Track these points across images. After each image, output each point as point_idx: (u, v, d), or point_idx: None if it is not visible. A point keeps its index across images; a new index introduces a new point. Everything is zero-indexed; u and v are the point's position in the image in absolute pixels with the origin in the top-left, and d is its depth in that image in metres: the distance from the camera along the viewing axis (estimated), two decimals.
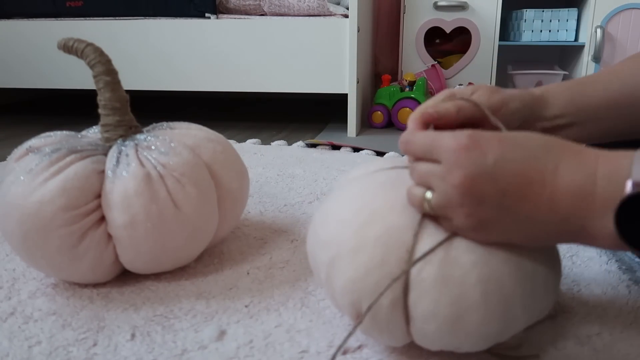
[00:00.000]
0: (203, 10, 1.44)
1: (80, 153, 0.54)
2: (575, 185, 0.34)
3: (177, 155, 0.56)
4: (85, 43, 0.57)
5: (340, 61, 1.41)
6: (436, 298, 0.37)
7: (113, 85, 0.58)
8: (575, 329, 0.49)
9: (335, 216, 0.42)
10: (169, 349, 0.47)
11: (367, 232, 0.39)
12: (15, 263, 0.64)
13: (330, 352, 0.46)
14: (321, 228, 0.43)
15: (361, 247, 0.39)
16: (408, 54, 1.79)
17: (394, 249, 0.38)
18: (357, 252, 0.39)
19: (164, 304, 0.55)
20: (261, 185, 0.97)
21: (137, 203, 0.52)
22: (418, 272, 0.37)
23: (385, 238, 0.39)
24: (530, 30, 1.76)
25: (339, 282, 0.40)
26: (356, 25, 1.37)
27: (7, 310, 0.53)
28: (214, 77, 1.48)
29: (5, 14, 1.55)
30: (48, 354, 0.46)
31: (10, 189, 0.52)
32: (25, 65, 1.56)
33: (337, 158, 1.18)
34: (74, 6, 1.50)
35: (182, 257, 0.59)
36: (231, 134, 1.49)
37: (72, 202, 0.51)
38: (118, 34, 1.48)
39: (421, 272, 0.37)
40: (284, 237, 0.72)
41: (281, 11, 1.47)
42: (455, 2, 1.71)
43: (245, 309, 0.54)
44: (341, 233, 0.41)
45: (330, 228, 0.42)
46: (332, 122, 1.69)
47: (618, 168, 0.33)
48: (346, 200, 0.43)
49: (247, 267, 0.63)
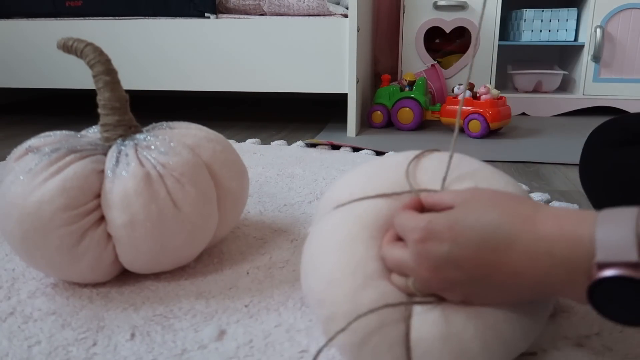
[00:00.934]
0: (203, 10, 1.44)
1: (79, 153, 0.54)
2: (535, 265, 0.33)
3: (177, 155, 0.56)
4: (84, 43, 0.57)
5: (340, 61, 1.41)
6: (439, 356, 0.37)
7: (112, 85, 0.58)
8: (574, 329, 0.49)
9: (327, 275, 0.41)
10: (168, 349, 0.47)
11: (362, 298, 0.39)
12: (15, 263, 0.64)
13: (331, 352, 0.46)
14: (313, 282, 0.42)
15: (356, 311, 0.38)
16: (408, 53, 1.79)
17: (391, 313, 0.38)
18: (352, 316, 0.38)
19: (164, 304, 0.55)
20: (261, 185, 0.97)
21: (136, 203, 0.52)
22: (418, 332, 0.38)
23: (380, 304, 0.38)
24: (530, 30, 1.76)
25: (337, 342, 0.40)
26: (356, 25, 1.37)
27: (7, 310, 0.53)
28: (213, 77, 1.48)
29: (5, 14, 1.55)
30: (48, 353, 0.46)
31: (9, 189, 0.52)
32: (25, 65, 1.56)
33: (337, 158, 1.18)
34: (73, 6, 1.50)
35: (182, 256, 0.59)
36: (231, 134, 1.49)
37: (71, 201, 0.51)
38: (117, 33, 1.48)
39: (421, 332, 0.38)
40: (284, 237, 0.72)
41: (281, 11, 1.47)
42: (455, 2, 1.71)
43: (245, 308, 0.54)
44: (335, 295, 0.40)
45: (322, 287, 0.41)
46: (332, 122, 1.69)
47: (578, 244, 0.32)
48: (335, 251, 0.42)
49: (246, 267, 0.63)
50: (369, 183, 0.45)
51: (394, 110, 1.55)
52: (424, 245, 0.37)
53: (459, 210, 0.37)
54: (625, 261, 0.29)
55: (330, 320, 0.40)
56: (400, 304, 0.39)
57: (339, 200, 0.46)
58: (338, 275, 0.40)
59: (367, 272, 0.40)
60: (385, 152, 1.23)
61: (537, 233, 0.33)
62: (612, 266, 0.30)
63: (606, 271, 0.30)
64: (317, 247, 0.44)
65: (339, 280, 0.40)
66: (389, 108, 1.57)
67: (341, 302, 0.39)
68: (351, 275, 0.40)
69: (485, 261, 0.35)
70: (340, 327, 0.39)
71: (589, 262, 0.31)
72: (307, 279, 0.44)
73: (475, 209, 0.36)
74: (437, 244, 0.36)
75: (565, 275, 0.32)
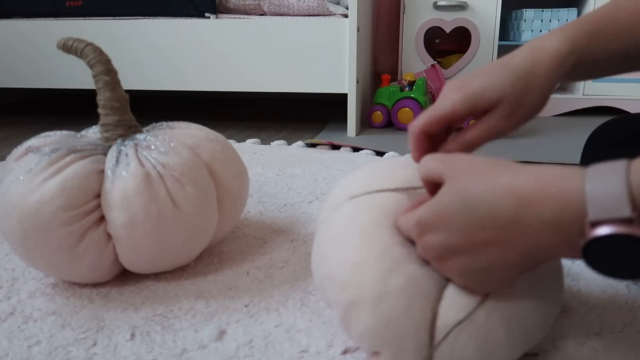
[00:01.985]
0: (203, 10, 1.44)
1: (79, 153, 0.54)
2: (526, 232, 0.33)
3: (177, 154, 0.56)
4: (84, 43, 0.57)
5: (340, 61, 1.41)
6: (464, 343, 0.37)
7: (112, 85, 0.58)
8: (575, 329, 0.49)
9: (352, 258, 0.40)
10: (168, 349, 0.47)
11: (390, 281, 0.38)
12: (15, 263, 0.64)
13: (331, 352, 0.46)
14: (335, 267, 0.41)
15: (384, 296, 0.38)
16: (408, 53, 1.79)
17: (418, 298, 0.38)
18: (379, 301, 0.38)
19: (164, 304, 0.55)
20: (261, 185, 0.97)
21: (136, 203, 0.52)
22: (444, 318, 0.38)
23: (408, 288, 0.38)
24: (530, 30, 1.76)
25: (358, 327, 0.39)
26: (356, 25, 1.37)
27: (7, 310, 0.53)
28: (213, 77, 1.48)
29: (5, 14, 1.55)
30: (47, 353, 0.46)
31: (9, 189, 0.52)
32: (25, 65, 1.56)
33: (337, 158, 1.18)
34: (73, 6, 1.50)
35: (182, 256, 0.59)
36: (231, 134, 1.49)
37: (71, 201, 0.51)
38: (117, 33, 1.48)
39: (447, 319, 0.38)
40: (284, 237, 0.72)
41: (281, 11, 1.47)
42: (455, 2, 1.71)
43: (245, 308, 0.54)
44: (361, 279, 0.39)
45: (346, 271, 0.40)
46: (332, 122, 1.69)
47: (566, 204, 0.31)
48: (358, 235, 0.41)
49: (246, 267, 0.63)
50: (387, 177, 0.46)
51: (394, 110, 1.55)
52: (423, 239, 0.38)
53: (445, 193, 0.37)
54: (618, 217, 0.29)
55: (354, 305, 0.39)
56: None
57: (355, 192, 0.45)
58: (364, 259, 0.40)
59: (395, 256, 0.40)
60: (385, 152, 1.23)
61: (522, 200, 0.33)
62: (605, 223, 0.29)
63: (600, 229, 0.29)
64: (337, 233, 0.43)
65: (365, 263, 0.40)
66: (389, 108, 1.57)
67: (368, 286, 0.39)
68: (379, 258, 0.39)
69: (479, 241, 0.35)
70: (365, 311, 0.38)
71: (581, 221, 0.30)
72: (325, 264, 0.43)
73: (458, 190, 0.36)
74: (433, 234, 0.37)
75: (558, 237, 0.32)
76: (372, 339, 0.39)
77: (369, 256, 0.40)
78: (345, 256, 0.41)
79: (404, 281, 0.38)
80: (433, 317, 0.38)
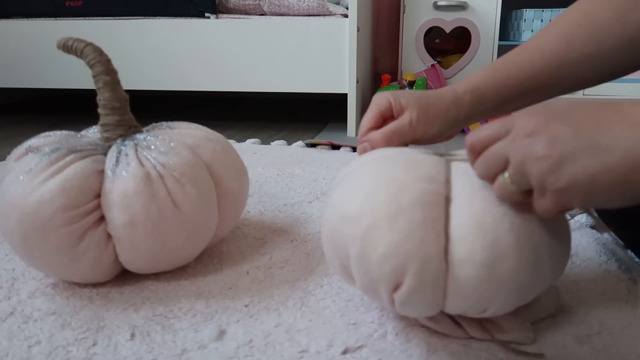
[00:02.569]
0: (203, 10, 1.44)
1: (79, 153, 0.54)
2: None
3: (177, 154, 0.56)
4: (84, 43, 0.57)
5: (340, 61, 1.41)
6: (472, 243, 0.38)
7: (112, 85, 0.58)
8: (575, 329, 0.49)
9: (362, 190, 0.42)
10: (168, 349, 0.47)
11: (402, 198, 0.40)
12: (15, 263, 0.64)
13: (331, 352, 0.46)
14: (347, 204, 0.43)
15: (399, 211, 0.39)
16: (408, 53, 1.79)
17: (434, 207, 0.39)
18: (395, 217, 0.39)
19: (164, 304, 0.55)
20: (261, 185, 0.97)
21: (136, 203, 0.52)
22: (457, 219, 0.39)
23: (422, 199, 0.39)
24: (530, 30, 1.76)
25: (378, 249, 0.39)
26: (356, 24, 1.37)
27: (7, 310, 0.53)
28: (213, 77, 1.48)
29: (5, 14, 1.55)
30: (47, 353, 0.46)
31: (9, 189, 0.52)
32: (25, 65, 1.56)
33: (337, 158, 1.18)
34: (73, 6, 1.50)
35: (182, 256, 0.59)
36: (231, 134, 1.49)
37: (71, 201, 0.51)
38: (117, 33, 1.48)
39: (459, 219, 0.39)
40: (284, 237, 0.72)
41: (281, 11, 1.47)
42: (455, 2, 1.71)
43: (245, 308, 0.54)
44: (373, 203, 0.40)
45: (358, 202, 0.42)
46: (332, 122, 1.69)
47: None
48: (367, 177, 0.43)
49: (246, 267, 0.63)
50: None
51: None
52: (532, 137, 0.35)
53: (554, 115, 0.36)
54: None
55: (370, 230, 0.40)
56: None
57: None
58: (373, 187, 0.42)
59: (402, 179, 0.41)
60: None
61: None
62: None
63: None
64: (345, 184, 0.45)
65: (374, 191, 0.41)
66: None
67: (381, 207, 0.40)
68: (386, 185, 0.41)
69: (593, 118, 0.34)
70: (383, 231, 0.39)
71: None
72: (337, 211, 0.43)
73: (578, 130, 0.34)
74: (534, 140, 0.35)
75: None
76: (393, 256, 0.39)
77: (377, 185, 0.41)
78: (355, 193, 0.42)
79: (416, 195, 0.40)
80: (446, 221, 0.39)
